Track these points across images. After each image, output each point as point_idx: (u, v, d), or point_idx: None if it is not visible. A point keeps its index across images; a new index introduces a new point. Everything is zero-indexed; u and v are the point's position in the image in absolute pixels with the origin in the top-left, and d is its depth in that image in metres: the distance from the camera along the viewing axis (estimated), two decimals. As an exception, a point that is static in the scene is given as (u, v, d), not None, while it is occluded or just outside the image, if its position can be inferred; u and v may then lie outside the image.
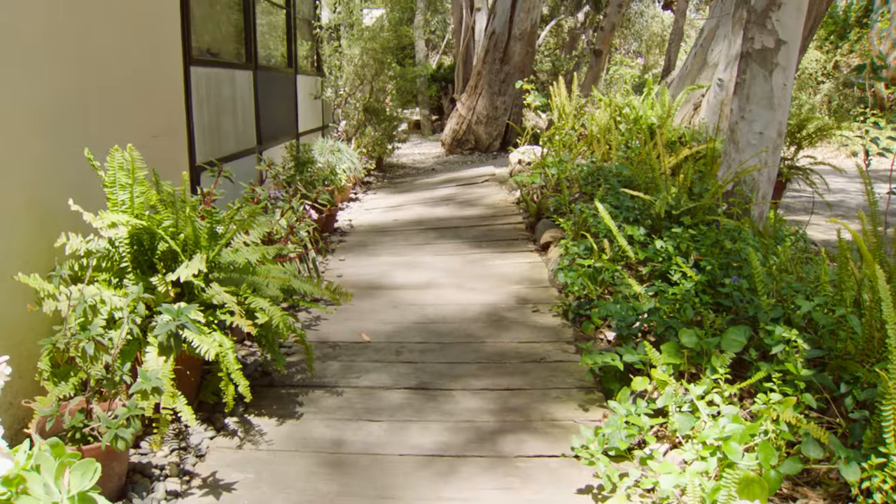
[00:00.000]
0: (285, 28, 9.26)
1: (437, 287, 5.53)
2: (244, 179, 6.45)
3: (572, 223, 5.68)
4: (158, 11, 4.90)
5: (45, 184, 3.33)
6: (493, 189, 9.59)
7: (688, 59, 10.84)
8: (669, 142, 7.60)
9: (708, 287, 4.03)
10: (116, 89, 4.11)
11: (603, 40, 18.11)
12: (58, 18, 3.49)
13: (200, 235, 3.47)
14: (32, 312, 3.05)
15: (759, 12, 5.03)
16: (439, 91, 21.93)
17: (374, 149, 11.31)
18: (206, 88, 5.79)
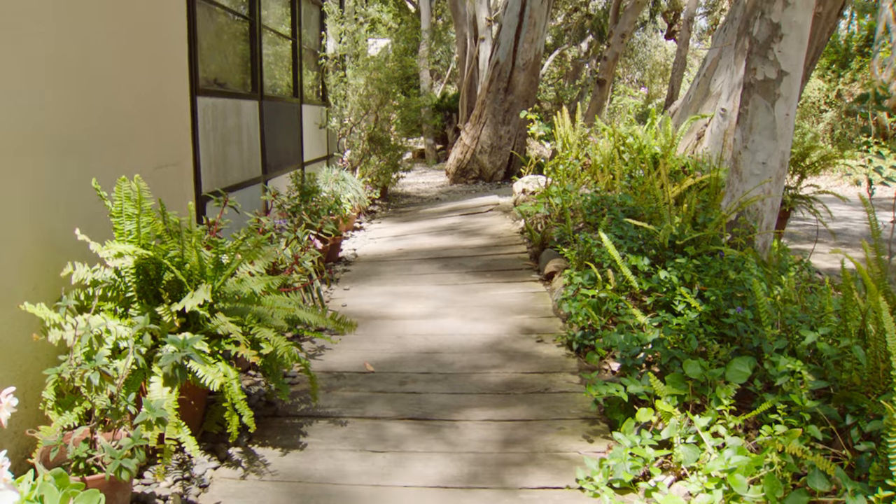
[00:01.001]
0: (291, 58, 9.34)
1: (440, 317, 5.53)
2: (249, 208, 6.48)
3: (576, 253, 5.69)
4: (165, 41, 4.95)
5: (51, 213, 3.35)
6: (497, 218, 9.61)
7: (691, 88, 10.90)
8: (673, 171, 7.63)
9: (712, 317, 4.03)
10: (123, 119, 4.15)
11: (606, 70, 18.22)
12: (65, 49, 3.53)
13: (206, 265, 3.48)
14: (38, 342, 3.06)
15: (761, 43, 5.07)
16: (443, 120, 22.04)
17: (379, 178, 11.35)
18: (213, 118, 5.84)
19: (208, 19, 6.01)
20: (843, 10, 8.73)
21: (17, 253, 3.11)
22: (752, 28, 5.21)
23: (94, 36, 3.82)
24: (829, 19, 8.63)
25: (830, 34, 9.05)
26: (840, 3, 8.58)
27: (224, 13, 6.54)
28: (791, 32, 4.97)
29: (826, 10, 8.45)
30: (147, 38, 4.59)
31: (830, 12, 8.54)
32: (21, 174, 3.13)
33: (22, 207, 3.14)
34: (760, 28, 5.08)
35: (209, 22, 6.05)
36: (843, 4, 8.63)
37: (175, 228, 3.55)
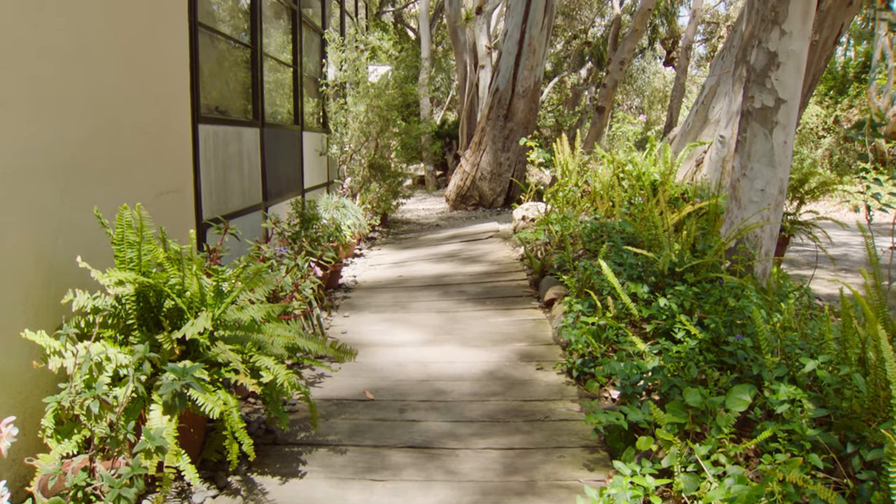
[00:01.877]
0: (292, 85, 9.40)
1: (440, 344, 5.53)
2: (250, 235, 6.50)
3: (576, 280, 5.70)
4: (168, 69, 4.99)
5: (52, 239, 3.37)
6: (497, 245, 9.63)
7: (689, 115, 10.96)
8: (672, 198, 7.65)
9: (712, 345, 4.03)
10: (126, 146, 4.18)
11: (606, 97, 18.32)
12: (69, 77, 3.56)
13: (206, 293, 3.49)
14: (37, 369, 3.06)
15: (759, 72, 5.11)
16: (443, 147, 22.14)
17: (379, 204, 11.39)
18: (214, 146, 5.87)
19: (210, 47, 6.06)
20: (839, 37, 8.79)
21: (18, 280, 3.12)
22: (749, 56, 5.25)
23: (97, 65, 3.85)
24: (825, 47, 8.69)
25: (827, 61, 9.11)
26: (836, 31, 8.64)
27: (225, 41, 6.59)
28: (788, 61, 5.01)
29: (823, 37, 8.51)
30: (150, 66, 4.63)
31: (827, 40, 8.59)
32: (23, 200, 3.15)
33: (23, 234, 3.16)
34: (758, 56, 5.13)
35: (211, 50, 6.10)
36: (839, 32, 8.69)
37: (176, 256, 3.56)
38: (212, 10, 6.42)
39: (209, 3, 6.35)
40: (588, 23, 32.73)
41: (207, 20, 6.01)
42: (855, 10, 8.55)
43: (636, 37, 18.05)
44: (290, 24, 9.33)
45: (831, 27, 8.50)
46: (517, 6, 13.80)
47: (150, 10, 4.65)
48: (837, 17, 8.39)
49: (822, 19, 8.33)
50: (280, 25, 8.96)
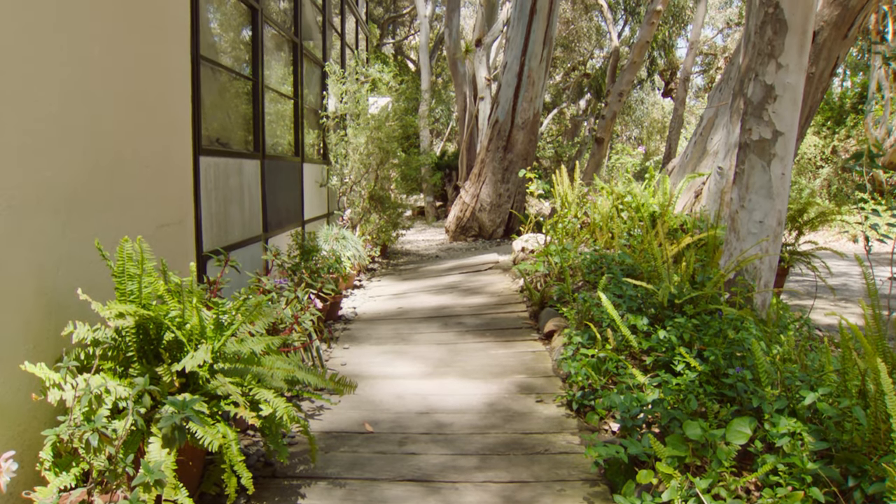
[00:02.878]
0: (293, 117, 9.46)
1: (440, 376, 5.52)
2: (250, 266, 6.51)
3: (576, 312, 5.70)
4: (170, 102, 5.03)
5: (53, 271, 3.38)
6: (496, 277, 9.63)
7: (688, 146, 11.02)
8: (671, 229, 7.68)
9: (712, 377, 4.03)
10: (127, 179, 4.20)
11: (604, 128, 18.42)
12: (72, 110, 3.59)
13: (206, 326, 3.49)
14: (36, 401, 3.06)
15: (756, 104, 5.16)
16: (443, 178, 22.23)
17: (379, 236, 11.41)
18: (215, 177, 5.90)
19: (211, 79, 6.11)
20: (835, 69, 8.87)
21: (19, 311, 3.13)
22: (746, 89, 5.30)
23: (99, 98, 3.89)
24: (822, 79, 8.76)
25: (824, 93, 9.18)
26: (832, 63, 8.71)
27: (227, 73, 6.65)
28: (785, 94, 5.05)
29: (819, 70, 8.59)
30: (152, 99, 4.67)
31: (823, 72, 8.67)
32: (26, 233, 3.17)
33: (25, 266, 3.17)
34: (755, 89, 5.17)
35: (212, 82, 6.15)
36: (835, 64, 8.77)
37: (176, 288, 3.57)
38: (213, 42, 6.49)
39: (211, 36, 6.41)
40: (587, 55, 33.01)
41: (209, 52, 6.06)
42: (850, 43, 8.63)
43: (634, 69, 18.20)
44: (291, 57, 9.41)
45: (827, 59, 8.58)
46: (516, 39, 13.92)
47: (152, 44, 4.69)
48: (833, 49, 8.47)
49: (818, 52, 8.41)
50: (281, 58, 9.03)
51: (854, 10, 8.14)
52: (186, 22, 5.32)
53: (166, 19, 4.98)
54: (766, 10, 5.12)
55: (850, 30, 8.36)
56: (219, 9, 6.69)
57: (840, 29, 8.28)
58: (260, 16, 7.39)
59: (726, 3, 33.38)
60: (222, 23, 6.91)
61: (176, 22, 5.15)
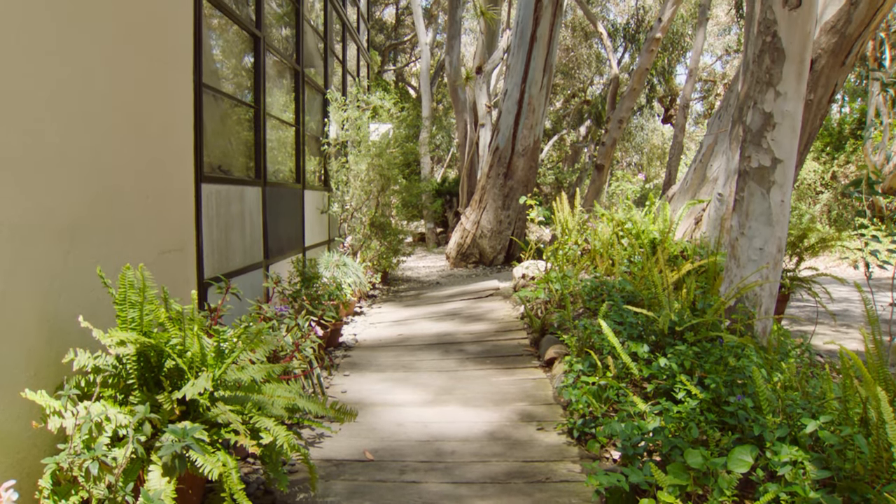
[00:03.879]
0: (294, 144, 9.51)
1: (441, 404, 5.51)
2: (251, 293, 6.51)
3: (576, 339, 5.70)
4: (173, 130, 5.06)
5: (55, 299, 3.39)
6: (497, 304, 9.63)
7: (688, 173, 11.06)
8: (672, 256, 7.68)
9: (713, 405, 4.02)
10: (130, 206, 4.22)
11: (605, 155, 18.48)
12: (75, 138, 3.62)
13: (207, 354, 3.49)
14: (36, 429, 3.05)
15: (755, 132, 5.18)
16: (444, 204, 22.29)
17: (380, 262, 11.43)
18: (216, 204, 5.92)
19: (214, 107, 6.15)
20: (833, 95, 8.92)
21: (21, 339, 3.13)
22: (745, 117, 5.33)
23: (102, 127, 3.91)
24: (820, 106, 8.81)
25: (823, 119, 9.23)
26: (831, 90, 8.76)
27: (229, 101, 6.69)
28: (783, 121, 5.08)
29: (817, 97, 8.63)
30: (154, 127, 4.70)
31: (822, 99, 8.71)
32: (28, 260, 3.18)
33: (27, 293, 3.18)
34: (754, 117, 5.20)
35: (214, 109, 6.19)
36: (833, 91, 8.82)
37: (177, 316, 3.58)
38: (216, 69, 6.54)
39: (213, 63, 6.46)
40: (587, 81, 33.20)
41: (211, 80, 6.11)
42: (848, 70, 8.69)
43: (634, 96, 18.29)
44: (293, 84, 9.47)
45: (825, 87, 8.63)
46: (516, 66, 14.02)
47: (155, 72, 4.73)
48: (831, 77, 8.52)
49: (816, 79, 8.46)
50: (283, 85, 9.09)
51: (851, 37, 8.20)
52: (189, 50, 5.36)
53: (169, 48, 5.02)
54: (763, 39, 5.16)
55: (847, 57, 8.41)
56: (221, 35, 6.75)
57: (838, 56, 8.33)
58: (262, 44, 7.45)
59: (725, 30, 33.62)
60: (224, 50, 6.97)
61: (179, 50, 5.19)
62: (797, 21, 5.02)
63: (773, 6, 5.10)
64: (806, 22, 5.03)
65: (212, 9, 6.14)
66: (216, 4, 6.20)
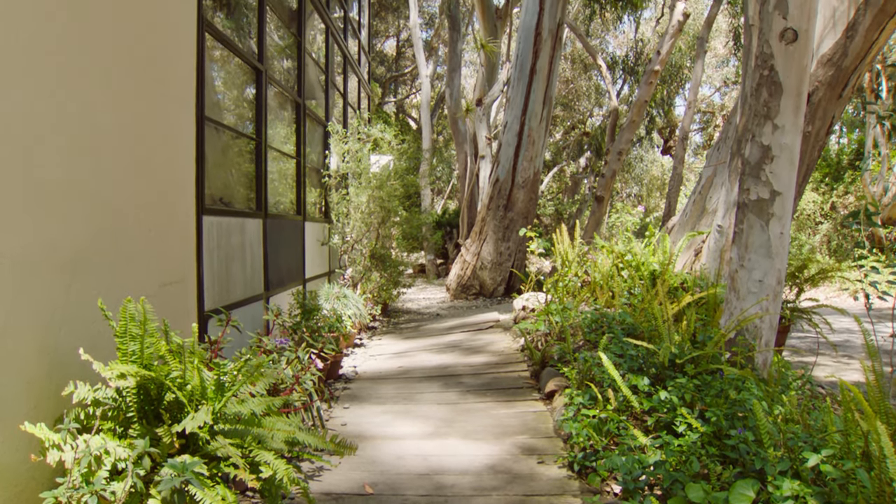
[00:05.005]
0: (295, 176, 9.54)
1: (441, 437, 5.49)
2: (251, 325, 6.51)
3: (577, 372, 5.69)
4: (174, 163, 5.09)
5: (55, 331, 3.40)
6: (497, 336, 9.62)
7: (687, 205, 11.10)
8: (672, 288, 7.69)
9: (714, 438, 4.01)
10: (131, 238, 4.24)
11: (604, 186, 18.56)
12: (77, 173, 3.64)
13: (207, 387, 3.49)
14: (35, 462, 3.05)
15: (753, 165, 5.22)
16: (444, 236, 22.34)
17: (380, 294, 11.43)
18: (217, 236, 5.93)
19: (215, 139, 6.19)
20: (831, 127, 8.97)
21: (21, 371, 3.14)
22: (743, 149, 5.36)
23: (105, 161, 3.94)
24: (818, 138, 8.86)
25: (821, 151, 9.27)
26: (828, 122, 8.82)
27: (230, 133, 6.73)
28: (781, 154, 5.12)
29: (815, 129, 8.69)
30: (156, 160, 4.73)
31: (819, 131, 8.76)
32: (30, 293, 3.19)
33: (29, 326, 3.19)
34: (752, 150, 5.24)
35: (216, 141, 6.23)
36: (831, 123, 8.87)
37: (178, 349, 3.58)
38: (218, 102, 6.59)
39: (215, 96, 6.51)
40: (586, 113, 33.42)
41: (213, 113, 6.15)
42: (845, 102, 8.75)
43: (633, 128, 18.40)
44: (294, 116, 9.54)
45: (823, 119, 8.68)
46: (516, 99, 14.12)
47: (158, 106, 4.77)
48: (828, 109, 8.58)
49: (814, 111, 8.52)
50: (284, 117, 9.16)
51: (848, 70, 8.27)
52: (191, 83, 5.40)
53: (172, 81, 5.06)
54: (761, 73, 5.21)
55: (844, 89, 8.48)
56: (223, 67, 6.81)
57: (835, 89, 8.40)
58: (264, 77, 7.51)
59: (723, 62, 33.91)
60: (226, 82, 7.03)
61: (181, 83, 5.23)
62: (794, 55, 5.08)
63: (769, 40, 5.15)
64: (802, 56, 5.08)
65: (214, 41, 6.20)
66: (218, 38, 6.26)
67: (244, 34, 7.35)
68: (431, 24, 34.57)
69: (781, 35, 5.09)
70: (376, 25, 33.10)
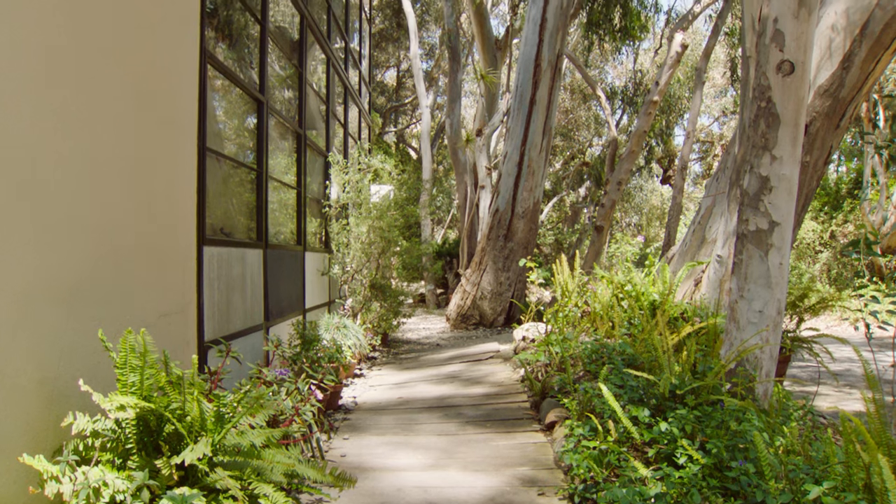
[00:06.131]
0: (295, 206, 9.58)
1: (441, 468, 5.46)
2: (251, 356, 6.50)
3: (577, 403, 5.67)
4: (175, 194, 5.11)
5: (55, 361, 3.40)
6: (497, 366, 9.60)
7: (687, 234, 11.13)
8: (672, 318, 7.68)
9: (715, 470, 3.99)
10: (132, 269, 4.25)
11: (604, 216, 18.60)
12: (79, 206, 3.66)
13: (207, 418, 3.49)
14: (33, 494, 3.03)
15: (752, 195, 5.24)
16: (444, 266, 22.35)
17: (380, 324, 11.42)
18: (217, 266, 5.94)
19: (217, 169, 6.22)
20: (829, 157, 9.01)
21: (20, 403, 3.13)
22: (742, 180, 5.39)
23: (106, 193, 3.97)
24: (816, 167, 8.90)
25: (819, 181, 9.31)
26: (826, 152, 8.86)
27: (232, 164, 6.76)
28: (780, 185, 5.14)
29: (813, 159, 8.73)
30: (157, 192, 4.75)
31: (817, 161, 8.81)
32: (31, 324, 3.20)
33: (29, 356, 3.19)
34: (750, 181, 5.26)
35: (217, 172, 6.26)
36: (829, 153, 8.92)
37: (177, 380, 3.58)
38: (219, 132, 6.63)
39: (217, 126, 6.55)
40: (586, 143, 33.59)
41: (215, 143, 6.19)
42: (843, 132, 8.80)
43: (633, 158, 18.48)
44: (295, 146, 9.59)
45: (821, 149, 8.73)
46: (516, 129, 14.20)
47: (160, 138, 4.80)
48: (826, 139, 8.63)
49: (812, 142, 8.56)
50: (285, 147, 9.20)
51: (845, 101, 8.32)
52: (194, 115, 5.44)
53: (174, 112, 5.10)
54: (758, 105, 5.25)
55: (841, 120, 8.53)
56: (224, 97, 6.86)
57: (832, 119, 8.45)
58: (265, 108, 7.56)
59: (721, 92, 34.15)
60: (228, 113, 7.07)
61: (183, 114, 5.27)
62: (791, 87, 5.12)
63: (766, 72, 5.20)
64: (799, 87, 5.12)
65: (216, 72, 6.25)
66: (220, 69, 6.31)
67: (246, 65, 7.41)
68: (432, 55, 34.85)
69: (778, 67, 5.13)
70: (377, 56, 33.36)
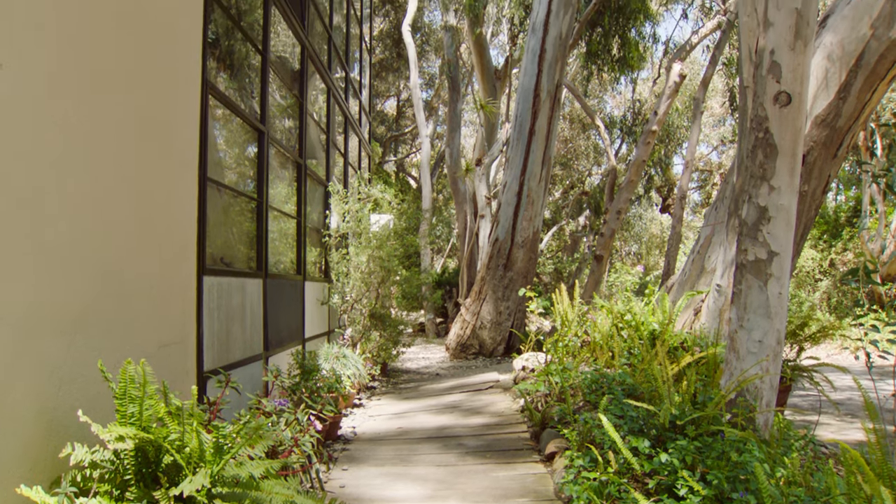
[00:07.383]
0: (295, 236, 9.59)
1: (440, 500, 5.43)
2: (250, 385, 6.49)
3: (577, 433, 5.66)
4: (176, 225, 5.13)
5: (54, 392, 3.39)
6: (497, 396, 9.58)
7: (686, 264, 11.14)
8: (672, 347, 7.68)
9: (716, 502, 3.98)
10: (131, 301, 4.26)
11: (603, 246, 18.63)
12: (80, 237, 3.68)
13: (206, 449, 3.47)
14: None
15: (751, 225, 5.26)
16: (444, 295, 22.34)
17: (380, 353, 11.40)
18: (217, 297, 5.95)
19: (217, 199, 6.24)
20: (827, 186, 9.06)
21: (18, 433, 3.13)
22: (741, 210, 5.41)
23: (108, 224, 3.99)
24: (814, 197, 8.94)
25: (818, 209, 9.35)
26: (824, 181, 8.90)
27: (232, 194, 6.79)
28: (778, 215, 5.16)
29: (811, 188, 8.77)
30: (158, 223, 4.77)
31: (815, 190, 8.85)
32: (31, 354, 3.20)
33: (28, 387, 3.19)
34: (749, 211, 5.29)
35: (218, 202, 6.28)
36: (827, 182, 8.96)
37: (177, 411, 3.57)
38: (220, 162, 6.66)
39: (217, 155, 6.59)
40: (585, 172, 33.72)
41: (215, 173, 6.22)
42: (841, 161, 8.85)
43: (632, 187, 18.55)
44: (295, 176, 9.63)
45: (819, 178, 8.78)
46: (515, 159, 14.26)
47: (161, 169, 4.83)
48: (824, 168, 8.67)
49: (810, 171, 8.61)
50: (285, 177, 9.24)
51: (842, 130, 8.38)
52: (195, 145, 5.47)
53: (175, 143, 5.13)
54: (756, 135, 5.28)
55: (839, 149, 8.58)
56: (225, 127, 6.90)
57: (829, 149, 8.50)
58: (266, 138, 7.60)
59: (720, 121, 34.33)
60: (228, 142, 7.11)
61: (185, 145, 5.30)
62: (788, 117, 5.15)
63: (764, 103, 5.24)
64: (796, 118, 5.16)
65: (216, 102, 6.29)
66: (221, 100, 6.36)
67: (247, 95, 7.46)
68: (431, 85, 35.08)
69: (775, 98, 5.17)
70: (377, 86, 33.58)
